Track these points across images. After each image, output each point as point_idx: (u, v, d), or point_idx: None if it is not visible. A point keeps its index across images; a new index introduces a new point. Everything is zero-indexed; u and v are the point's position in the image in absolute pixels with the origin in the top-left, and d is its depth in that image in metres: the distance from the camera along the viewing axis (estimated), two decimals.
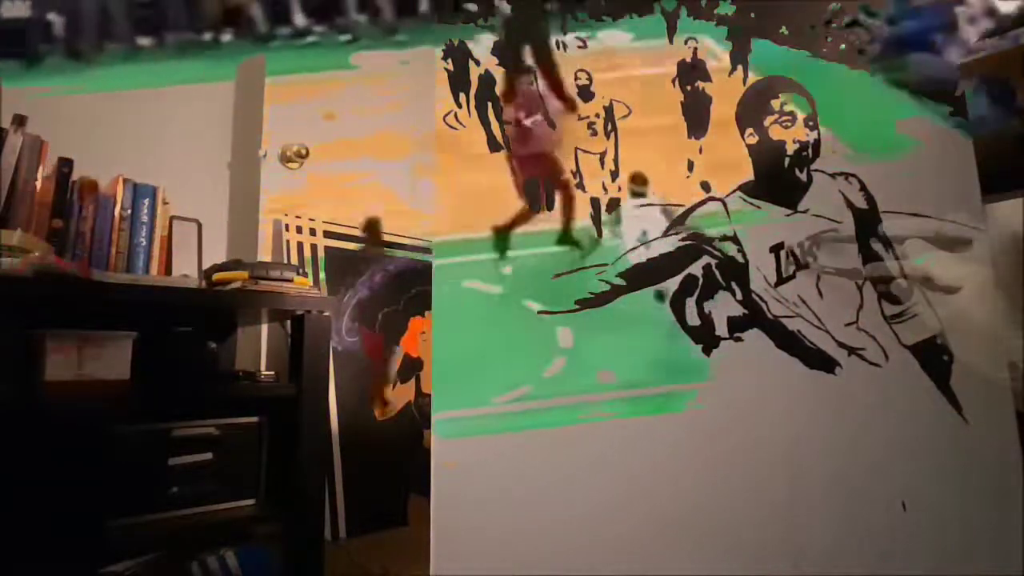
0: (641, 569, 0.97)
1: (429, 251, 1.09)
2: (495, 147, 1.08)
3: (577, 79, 1.12)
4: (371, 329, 1.84)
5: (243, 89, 1.78)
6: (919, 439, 1.06)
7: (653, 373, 1.04)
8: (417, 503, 1.71)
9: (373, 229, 1.87)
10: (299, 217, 1.76)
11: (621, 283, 1.06)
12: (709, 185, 1.11)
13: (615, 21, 1.13)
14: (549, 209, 1.07)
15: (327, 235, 1.81)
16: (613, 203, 1.08)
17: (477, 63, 1.10)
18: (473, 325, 1.03)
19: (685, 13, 1.14)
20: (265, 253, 1.71)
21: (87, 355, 1.19)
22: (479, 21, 1.11)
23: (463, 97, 1.09)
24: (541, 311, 1.03)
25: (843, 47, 1.16)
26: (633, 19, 1.14)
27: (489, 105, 1.09)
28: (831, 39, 1.16)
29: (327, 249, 1.80)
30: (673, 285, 1.07)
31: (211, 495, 1.34)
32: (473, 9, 1.11)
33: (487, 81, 1.10)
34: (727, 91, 1.14)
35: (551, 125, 1.10)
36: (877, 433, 1.05)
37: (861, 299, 1.10)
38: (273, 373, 1.46)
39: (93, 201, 1.41)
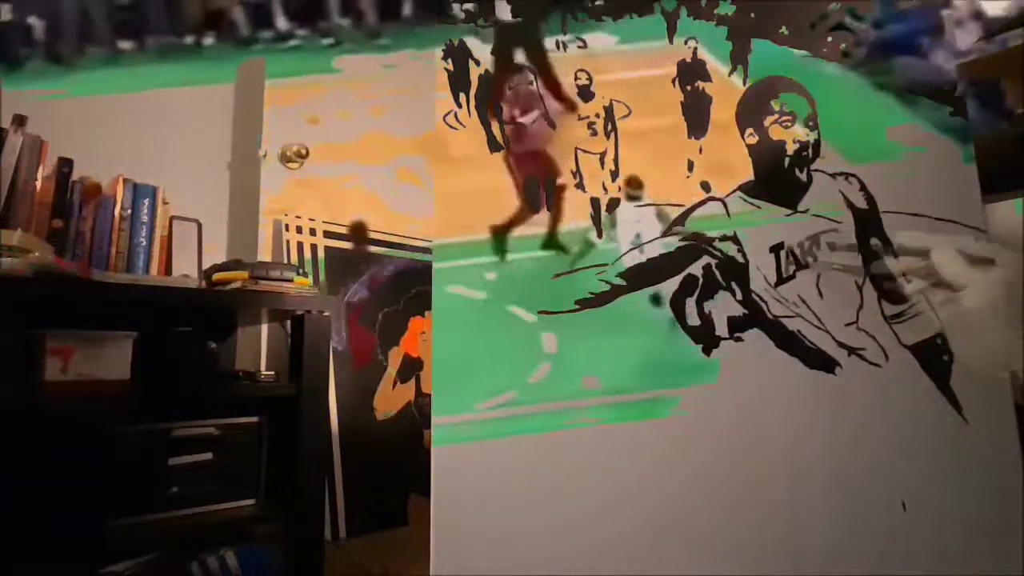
0: (642, 569, 0.97)
1: (429, 251, 1.09)
2: (495, 147, 1.08)
3: (577, 79, 1.12)
4: (369, 329, 1.84)
5: (243, 89, 1.78)
6: (919, 439, 1.06)
7: (640, 378, 1.03)
8: (417, 503, 1.71)
9: (359, 232, 1.86)
10: (299, 217, 1.76)
11: (621, 283, 1.06)
12: (709, 185, 1.11)
13: (615, 21, 1.13)
14: (549, 209, 1.07)
15: (327, 235, 1.81)
16: (613, 203, 1.08)
17: (477, 63, 1.10)
18: (460, 330, 1.02)
19: (685, 13, 1.14)
20: (265, 253, 1.71)
21: (87, 355, 1.19)
22: (479, 22, 1.11)
23: (463, 97, 1.09)
24: (541, 311, 1.03)
25: (843, 46, 1.16)
26: (633, 19, 1.14)
27: (489, 105, 1.09)
28: (831, 39, 1.16)
29: (327, 249, 1.80)
30: (671, 286, 1.07)
31: (211, 495, 1.34)
32: (472, 9, 1.11)
33: (487, 81, 1.10)
34: (727, 91, 1.14)
35: (551, 125, 1.10)
36: (877, 433, 1.05)
37: (861, 299, 1.10)
38: (273, 373, 1.46)
39: (96, 203, 1.41)
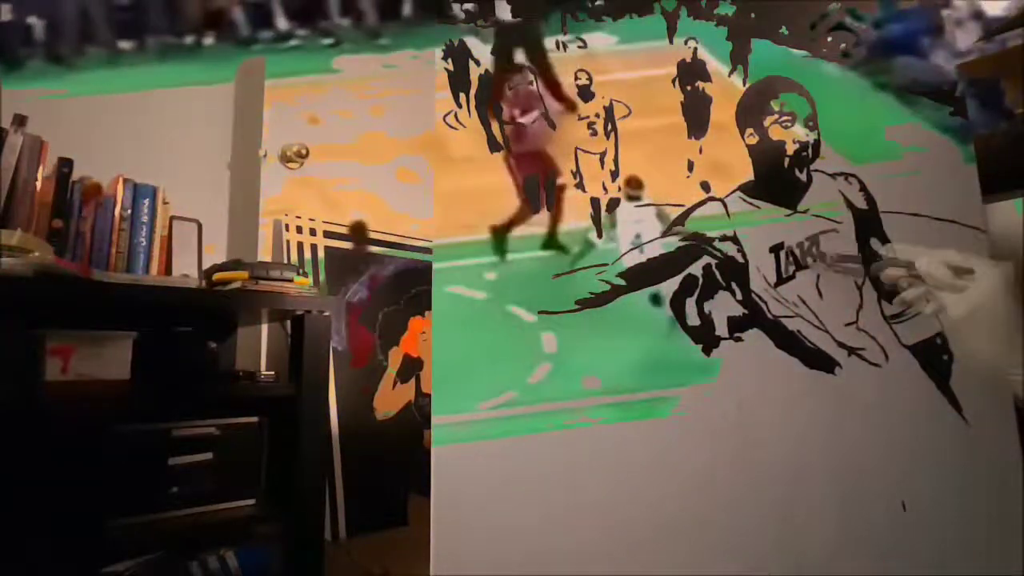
0: (642, 569, 0.97)
1: (429, 251, 1.09)
2: (495, 147, 1.08)
3: (577, 79, 1.11)
4: (369, 329, 1.84)
5: (243, 89, 1.78)
6: (919, 439, 1.06)
7: (640, 377, 1.03)
8: (417, 503, 1.71)
9: (359, 232, 1.85)
10: (299, 217, 1.76)
11: (621, 283, 1.05)
12: (709, 185, 1.10)
13: (615, 21, 1.13)
14: (549, 209, 1.07)
15: (327, 235, 1.81)
16: (613, 203, 1.08)
17: (477, 63, 1.10)
18: (460, 330, 1.02)
19: (685, 13, 1.14)
20: (265, 253, 1.71)
21: (87, 355, 1.19)
22: (479, 22, 1.11)
23: (463, 97, 1.09)
24: (541, 311, 1.03)
25: (843, 46, 1.16)
26: (633, 19, 1.14)
27: (489, 105, 1.09)
28: (831, 39, 1.16)
29: (327, 249, 1.80)
30: (670, 286, 1.07)
31: (211, 495, 1.34)
32: (472, 9, 1.11)
33: (487, 81, 1.10)
34: (727, 91, 1.14)
35: (551, 125, 1.10)
36: (877, 433, 1.05)
37: (861, 299, 1.10)
38: (273, 373, 1.46)
39: (97, 202, 1.41)
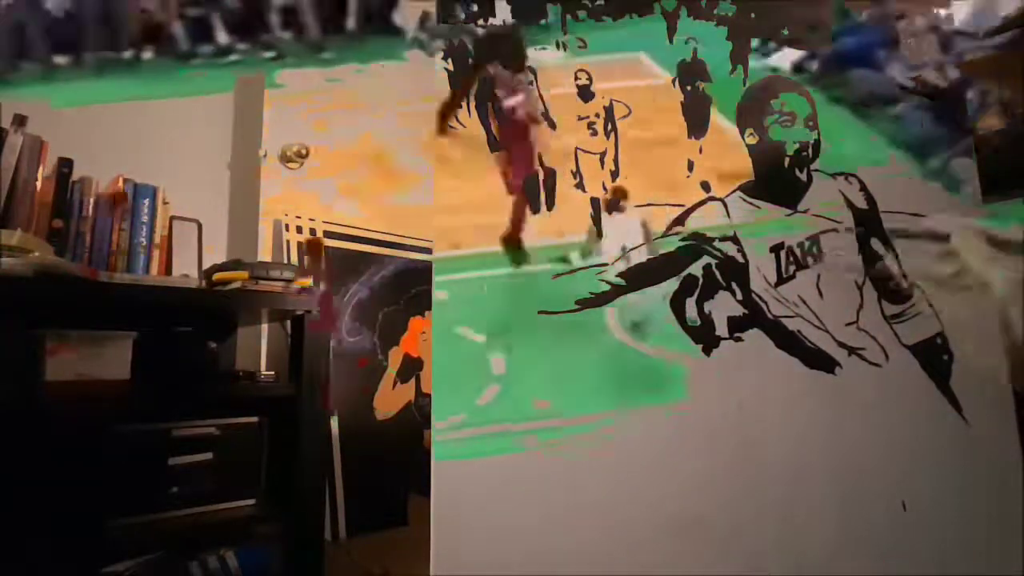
0: (642, 569, 0.97)
1: (429, 251, 1.09)
2: (495, 147, 1.08)
3: (577, 79, 1.12)
4: (369, 329, 1.84)
5: (243, 90, 1.78)
6: (919, 439, 1.06)
7: (591, 399, 1.01)
8: (417, 503, 1.71)
9: (314, 248, 1.80)
10: (299, 217, 1.76)
11: (621, 283, 1.05)
12: (709, 185, 1.10)
13: (615, 21, 1.13)
14: (549, 209, 1.07)
15: (327, 235, 1.81)
16: (613, 203, 1.08)
17: (478, 63, 1.10)
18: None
19: (685, 13, 1.14)
20: (265, 253, 1.71)
21: (87, 355, 1.19)
22: (479, 22, 1.11)
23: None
24: (541, 311, 1.03)
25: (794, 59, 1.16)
26: (633, 18, 1.14)
27: (489, 105, 1.09)
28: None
29: (327, 249, 1.80)
30: (664, 288, 1.06)
31: (211, 495, 1.34)
32: (474, 9, 1.11)
33: (487, 81, 1.10)
34: (727, 91, 1.14)
35: (551, 125, 1.10)
36: (877, 433, 1.05)
37: (861, 299, 1.10)
38: (273, 373, 1.46)
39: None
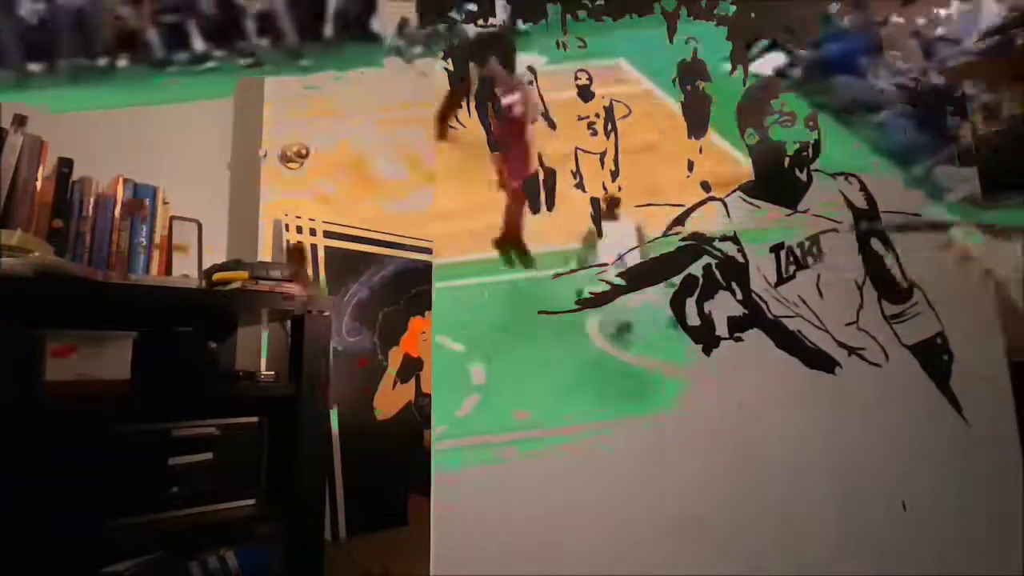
0: (642, 569, 0.97)
1: (429, 251, 1.09)
2: (495, 148, 1.08)
3: (577, 79, 1.12)
4: (369, 329, 1.84)
5: (243, 90, 1.78)
6: (919, 439, 1.06)
7: (572, 410, 1.01)
8: (417, 503, 1.71)
9: (297, 255, 1.79)
10: (299, 217, 1.76)
11: (621, 283, 1.05)
12: (709, 185, 1.10)
13: (615, 21, 1.13)
14: (549, 209, 1.07)
15: (327, 235, 1.81)
16: (613, 203, 1.08)
17: (477, 63, 1.10)
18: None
19: (685, 13, 1.14)
20: (265, 253, 1.71)
21: (87, 355, 1.19)
22: (479, 22, 1.11)
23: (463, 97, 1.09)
24: (541, 311, 1.03)
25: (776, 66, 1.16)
26: (633, 18, 1.14)
27: (489, 105, 1.09)
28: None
29: (327, 249, 1.80)
30: (650, 295, 1.06)
31: (211, 495, 1.34)
32: (473, 9, 1.11)
33: (487, 81, 1.10)
34: (727, 91, 1.14)
35: (551, 125, 1.10)
36: (877, 433, 1.05)
37: (861, 299, 1.10)
38: (273, 373, 1.46)
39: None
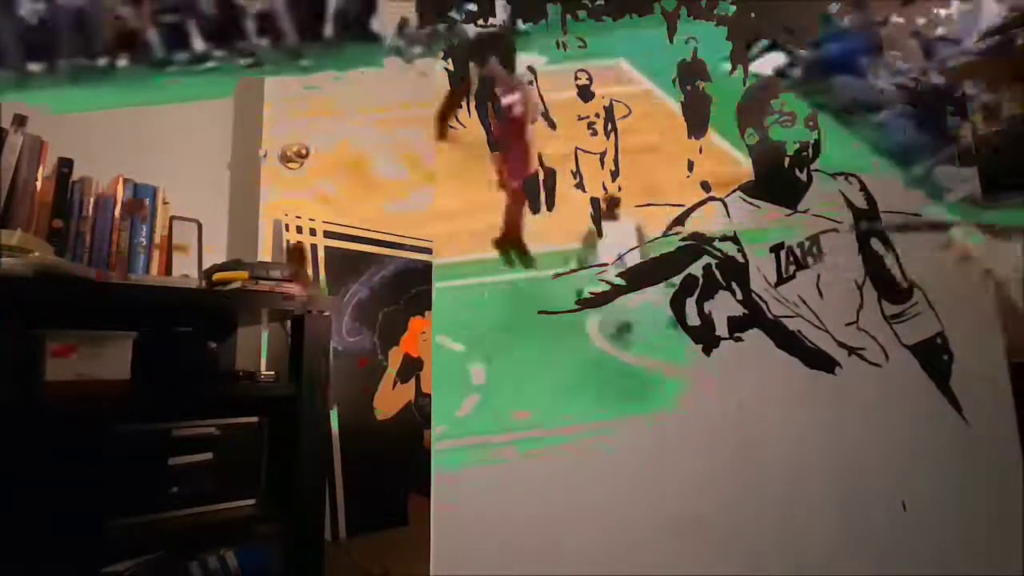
0: (642, 569, 0.97)
1: (429, 251, 1.09)
2: (495, 148, 1.08)
3: (577, 79, 1.12)
4: (369, 329, 1.84)
5: (243, 90, 1.78)
6: (919, 439, 1.06)
7: (572, 410, 1.01)
8: (417, 503, 1.71)
9: (297, 255, 1.79)
10: (299, 217, 1.76)
11: (621, 283, 1.05)
12: (709, 185, 1.10)
13: (615, 21, 1.13)
14: (549, 209, 1.07)
15: (327, 235, 1.81)
16: (613, 203, 1.08)
17: (478, 63, 1.10)
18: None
19: (685, 13, 1.14)
20: (265, 253, 1.71)
21: (87, 355, 1.19)
22: (479, 22, 1.11)
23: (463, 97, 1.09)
24: (541, 311, 1.03)
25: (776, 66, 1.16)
26: (633, 18, 1.14)
27: (489, 105, 1.09)
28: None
29: (327, 249, 1.80)
30: (650, 296, 1.06)
31: (211, 495, 1.34)
32: (473, 9, 1.11)
33: (487, 81, 1.10)
34: (727, 91, 1.14)
35: (551, 125, 1.10)
36: (877, 433, 1.05)
37: (861, 299, 1.10)
38: (273, 373, 1.46)
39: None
